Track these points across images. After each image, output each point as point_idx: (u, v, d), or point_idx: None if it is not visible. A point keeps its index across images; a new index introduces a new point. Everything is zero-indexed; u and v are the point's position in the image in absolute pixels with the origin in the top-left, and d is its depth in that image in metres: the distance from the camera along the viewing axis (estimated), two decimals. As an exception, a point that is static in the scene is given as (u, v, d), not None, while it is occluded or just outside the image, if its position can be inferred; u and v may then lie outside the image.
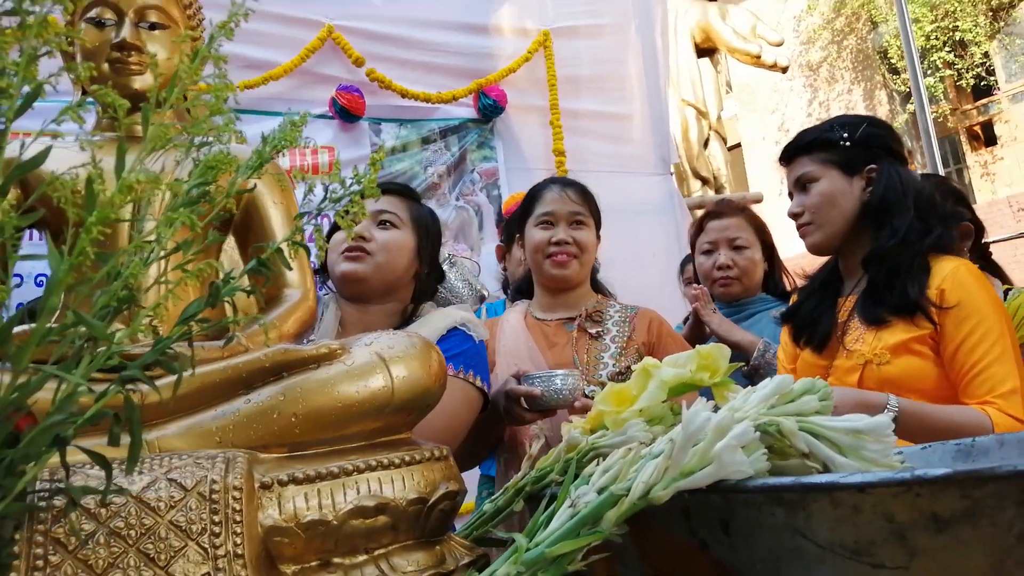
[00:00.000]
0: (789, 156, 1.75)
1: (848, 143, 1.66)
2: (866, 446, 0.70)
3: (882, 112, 13.06)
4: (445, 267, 2.52)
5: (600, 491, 0.69)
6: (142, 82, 1.09)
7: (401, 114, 4.16)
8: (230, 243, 1.17)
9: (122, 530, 0.70)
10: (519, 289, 2.15)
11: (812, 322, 1.71)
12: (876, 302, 1.58)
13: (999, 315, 1.52)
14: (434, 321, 1.56)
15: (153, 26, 1.13)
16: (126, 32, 1.09)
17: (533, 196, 2.02)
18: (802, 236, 1.72)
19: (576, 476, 0.77)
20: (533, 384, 1.59)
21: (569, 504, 0.69)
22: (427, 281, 1.70)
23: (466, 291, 2.52)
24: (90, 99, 1.00)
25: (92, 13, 1.13)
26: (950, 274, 1.53)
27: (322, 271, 1.70)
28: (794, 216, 1.72)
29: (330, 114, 3.97)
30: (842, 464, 0.69)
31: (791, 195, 1.76)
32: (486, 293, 2.60)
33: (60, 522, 0.68)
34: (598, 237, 2.02)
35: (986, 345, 1.48)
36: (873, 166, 1.65)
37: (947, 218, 1.66)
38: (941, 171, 4.55)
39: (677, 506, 0.68)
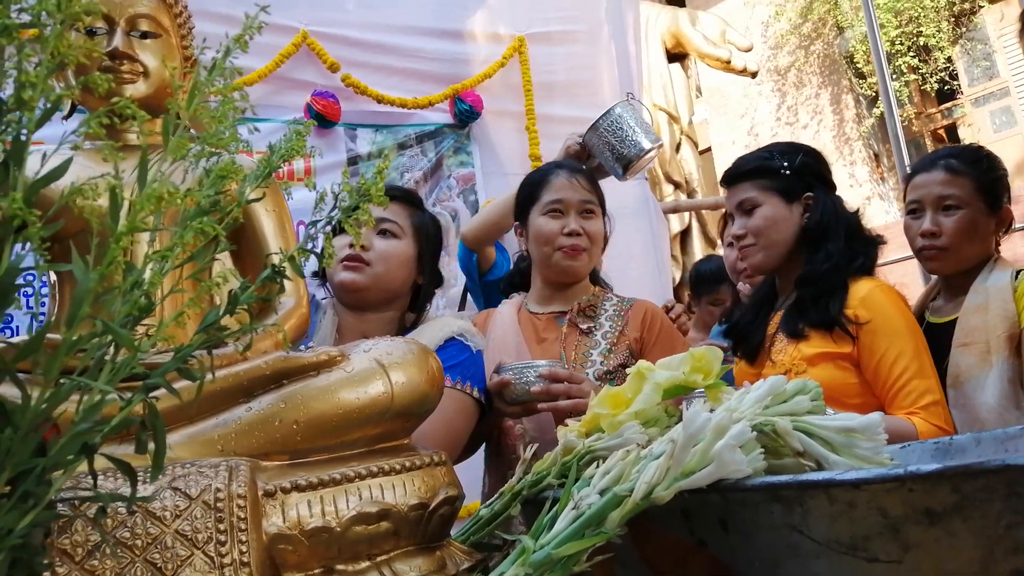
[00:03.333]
0: (731, 181, 1.84)
1: (787, 171, 1.76)
2: (858, 444, 0.72)
3: (849, 116, 13.25)
4: (619, 108, 2.28)
5: (602, 492, 0.70)
6: (134, 90, 1.09)
7: (377, 119, 4.15)
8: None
9: (128, 540, 0.71)
10: (511, 283, 2.03)
11: (745, 334, 1.81)
12: (798, 317, 1.68)
13: (912, 333, 1.63)
14: (432, 330, 1.55)
15: (145, 35, 1.13)
16: (118, 41, 1.09)
17: (538, 182, 1.86)
18: (743, 257, 1.82)
19: (576, 479, 0.79)
20: (509, 376, 1.53)
21: (572, 506, 0.70)
22: (426, 290, 1.69)
23: (641, 131, 2.28)
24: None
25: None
26: (867, 295, 1.64)
27: (319, 275, 1.68)
28: (738, 238, 1.81)
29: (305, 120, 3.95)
30: (835, 462, 0.71)
31: (730, 216, 1.86)
32: (661, 141, 2.41)
33: (66, 533, 0.69)
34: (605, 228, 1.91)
35: (905, 361, 1.58)
36: (810, 194, 1.76)
37: (868, 243, 1.78)
38: (908, 174, 4.63)
39: (676, 506, 0.70)
